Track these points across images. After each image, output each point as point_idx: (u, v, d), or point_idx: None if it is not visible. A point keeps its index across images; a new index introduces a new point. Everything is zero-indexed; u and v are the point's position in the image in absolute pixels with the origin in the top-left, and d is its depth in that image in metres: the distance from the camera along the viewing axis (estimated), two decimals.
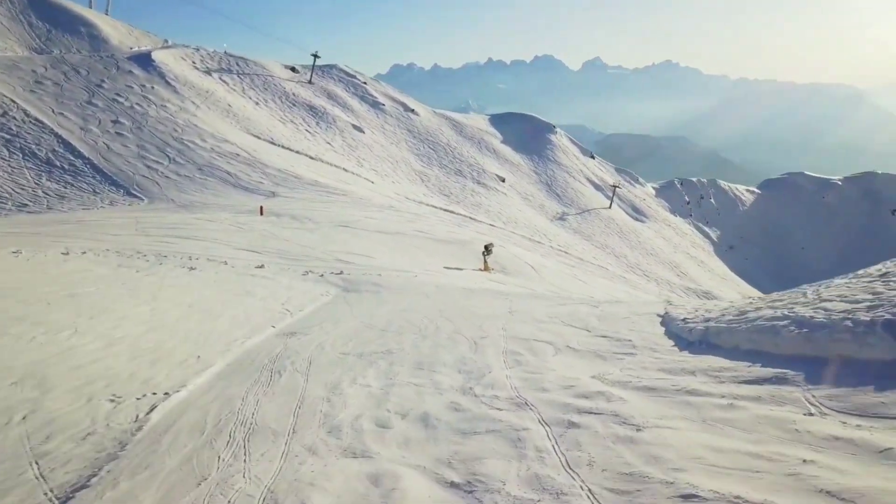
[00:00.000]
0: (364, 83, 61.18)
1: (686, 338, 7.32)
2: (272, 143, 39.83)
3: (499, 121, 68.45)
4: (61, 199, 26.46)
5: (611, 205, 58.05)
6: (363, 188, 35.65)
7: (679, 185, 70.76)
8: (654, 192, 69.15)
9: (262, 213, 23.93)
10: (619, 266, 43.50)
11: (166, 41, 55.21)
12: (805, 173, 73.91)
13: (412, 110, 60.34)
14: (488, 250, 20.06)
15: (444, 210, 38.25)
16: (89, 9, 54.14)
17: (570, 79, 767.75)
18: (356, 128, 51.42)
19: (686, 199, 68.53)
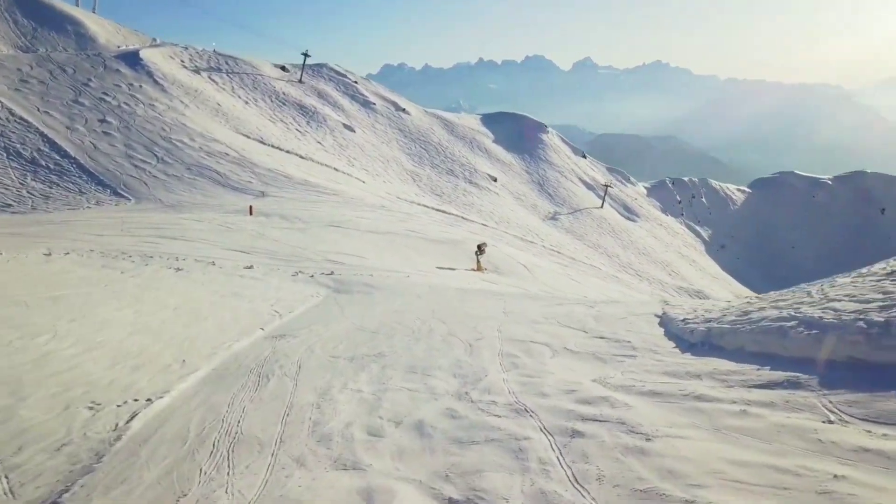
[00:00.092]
0: (355, 82, 60.80)
1: (687, 339, 7.12)
2: (262, 142, 39.42)
3: (490, 120, 68.24)
4: (46, 199, 26.00)
5: (602, 204, 57.99)
6: (354, 188, 35.35)
7: (670, 185, 70.84)
8: (645, 191, 69.18)
9: (251, 212, 23.60)
10: (611, 265, 43.42)
11: (154, 40, 54.62)
12: (795, 172, 74.19)
13: (403, 109, 60.03)
14: (481, 250, 19.84)
15: (436, 210, 38.00)
16: (76, 7, 53.49)
17: (561, 79, 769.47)
18: (347, 127, 51.07)
19: (677, 198, 68.62)
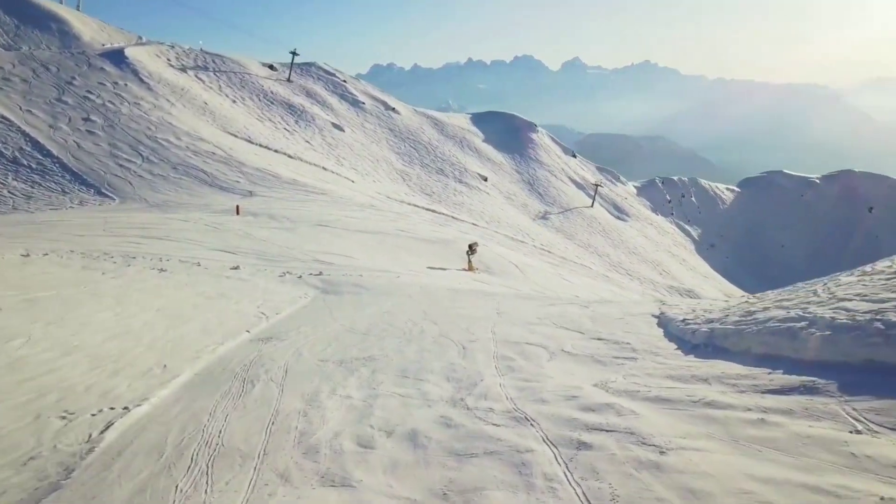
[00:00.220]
0: (344, 81, 60.37)
1: (689, 340, 6.88)
2: (249, 141, 38.97)
3: (480, 119, 68.01)
4: (28, 199, 25.44)
5: (593, 204, 57.94)
6: (343, 187, 34.98)
7: (660, 184, 70.94)
8: (635, 190, 69.23)
9: (238, 212, 23.20)
10: (601, 265, 43.32)
11: (140, 38, 53.87)
12: (784, 172, 74.54)
13: (393, 109, 59.68)
14: (472, 250, 19.60)
15: (427, 209, 37.70)
16: (60, 4, 52.61)
17: (550, 79, 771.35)
18: (336, 126, 50.65)
19: (667, 197, 68.72)
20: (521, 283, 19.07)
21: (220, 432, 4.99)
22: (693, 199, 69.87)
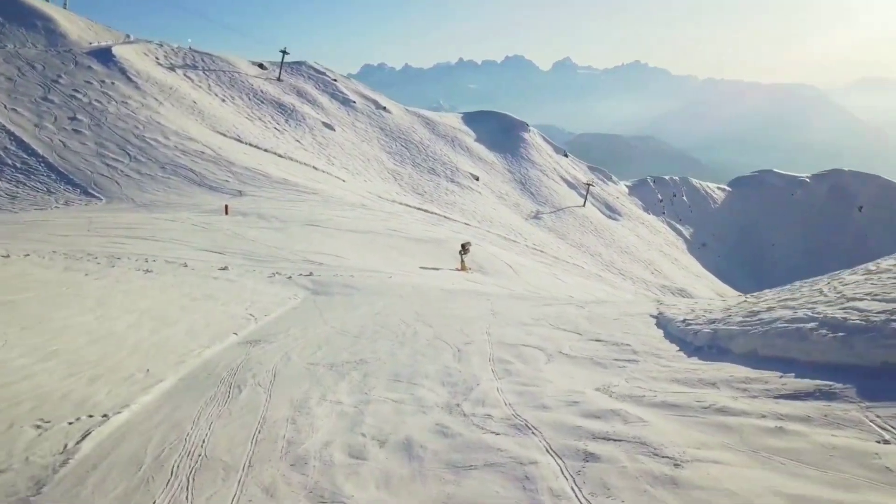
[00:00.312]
0: (334, 80, 59.98)
1: (691, 342, 6.66)
2: (239, 140, 38.54)
3: (472, 119, 67.80)
4: (12, 199, 24.96)
5: (585, 203, 57.85)
6: (334, 187, 34.65)
7: (652, 183, 70.99)
8: (627, 190, 69.25)
9: (226, 212, 22.84)
10: (594, 264, 43.21)
11: (128, 36, 53.26)
12: (774, 171, 74.79)
13: (384, 108, 59.36)
14: (465, 249, 19.38)
15: (418, 209, 37.44)
16: (46, 2, 51.90)
17: (541, 79, 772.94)
18: (326, 125, 50.28)
19: (659, 196, 68.78)
20: (515, 283, 18.86)
21: (204, 442, 4.72)
22: (684, 198, 69.98)
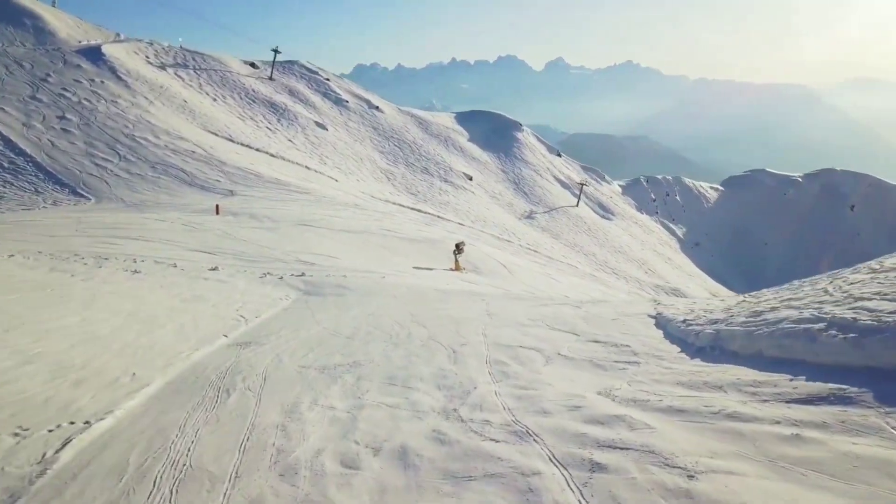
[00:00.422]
0: (327, 80, 59.65)
1: (693, 343, 6.50)
2: (230, 140, 38.20)
3: (465, 119, 67.60)
4: None
5: (578, 203, 57.77)
6: (327, 186, 34.39)
7: (645, 183, 71.01)
8: (620, 189, 69.22)
9: (217, 211, 22.56)
10: (588, 264, 43.09)
11: (118, 35, 52.75)
12: (767, 170, 74.94)
13: (377, 107, 59.07)
14: (459, 249, 19.19)
15: (412, 209, 37.23)
16: (35, 0, 51.37)
17: (534, 79, 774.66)
18: (319, 125, 49.97)
19: (652, 196, 68.79)
20: (510, 283, 18.69)
21: (189, 450, 4.51)
22: (677, 197, 70.04)
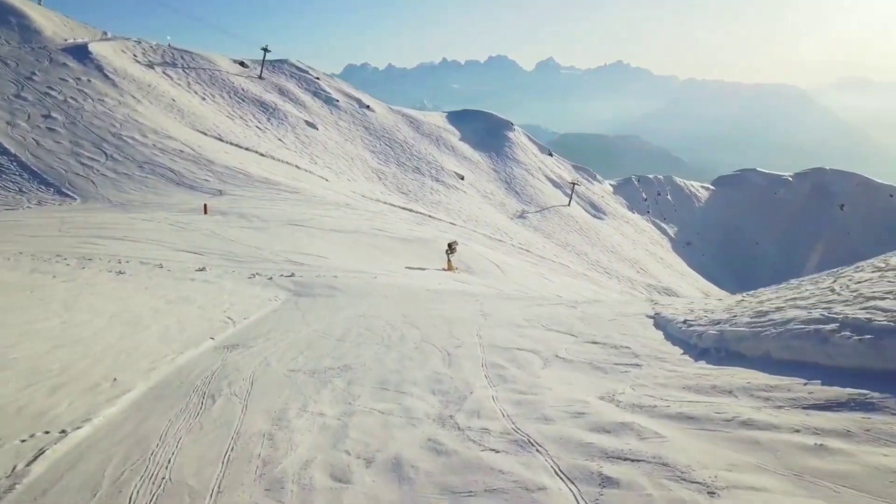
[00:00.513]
0: (317, 79, 59.22)
1: (695, 344, 6.29)
2: (220, 139, 37.78)
3: (456, 118, 67.36)
4: None
5: (570, 202, 57.69)
6: (317, 186, 34.06)
7: (636, 182, 71.06)
8: (611, 189, 69.23)
9: (205, 211, 22.20)
10: (580, 263, 42.97)
11: (105, 33, 52.10)
12: (757, 170, 75.16)
13: (367, 106, 58.72)
14: (452, 249, 18.95)
15: (403, 208, 36.95)
16: None
17: (524, 79, 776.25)
18: (309, 124, 49.57)
19: (643, 195, 68.83)
20: (503, 283, 18.48)
21: (169, 462, 4.25)
22: (669, 197, 70.11)
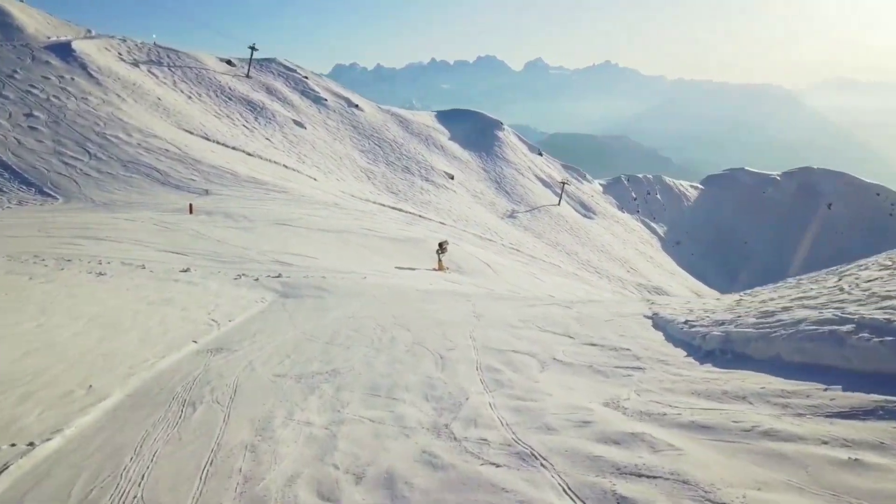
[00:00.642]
0: (305, 77, 58.71)
1: (699, 345, 6.03)
2: (206, 138, 37.25)
3: (445, 117, 67.06)
4: None
5: (560, 202, 57.57)
6: (305, 185, 33.65)
7: (626, 182, 71.12)
8: (601, 188, 69.24)
9: (191, 211, 21.77)
10: (570, 263, 42.84)
11: (89, 31, 51.35)
12: (746, 169, 75.47)
13: (356, 106, 58.28)
14: (443, 248, 18.68)
15: (393, 208, 36.62)
16: None
17: (513, 79, 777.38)
18: (297, 123, 49.09)
19: (633, 195, 68.89)
20: (494, 283, 18.22)
21: (143, 478, 3.93)
22: (658, 196, 70.21)
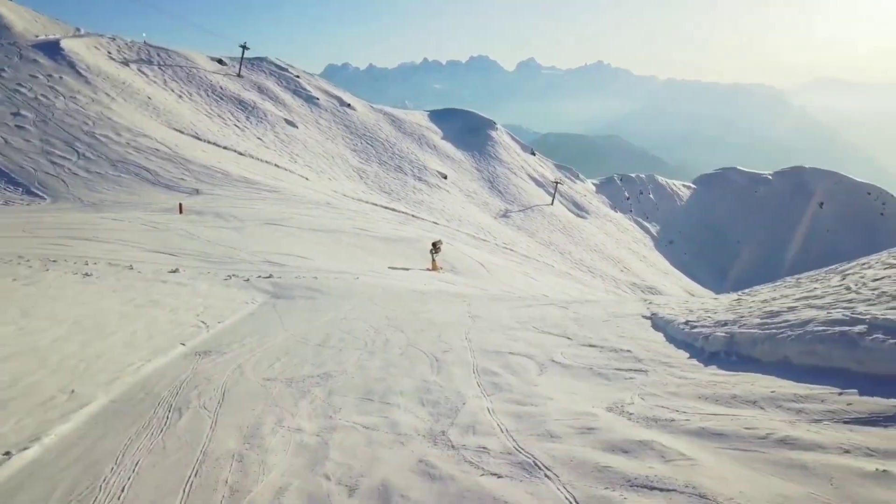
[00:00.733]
0: (297, 77, 58.33)
1: (702, 347, 5.87)
2: (197, 137, 36.87)
3: (438, 117, 66.84)
4: None
5: (553, 201, 57.48)
6: (297, 185, 33.37)
7: (618, 181, 71.13)
8: (594, 188, 69.21)
9: (181, 211, 21.47)
10: (564, 262, 42.71)
11: (78, 30, 50.80)
12: (738, 168, 75.63)
13: (348, 105, 57.96)
14: (436, 248, 18.49)
15: (386, 208, 36.38)
16: None
17: (506, 79, 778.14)
18: (289, 122, 48.74)
19: (626, 194, 68.89)
20: (488, 283, 18.06)
21: (123, 491, 3.72)
22: (651, 195, 70.25)
